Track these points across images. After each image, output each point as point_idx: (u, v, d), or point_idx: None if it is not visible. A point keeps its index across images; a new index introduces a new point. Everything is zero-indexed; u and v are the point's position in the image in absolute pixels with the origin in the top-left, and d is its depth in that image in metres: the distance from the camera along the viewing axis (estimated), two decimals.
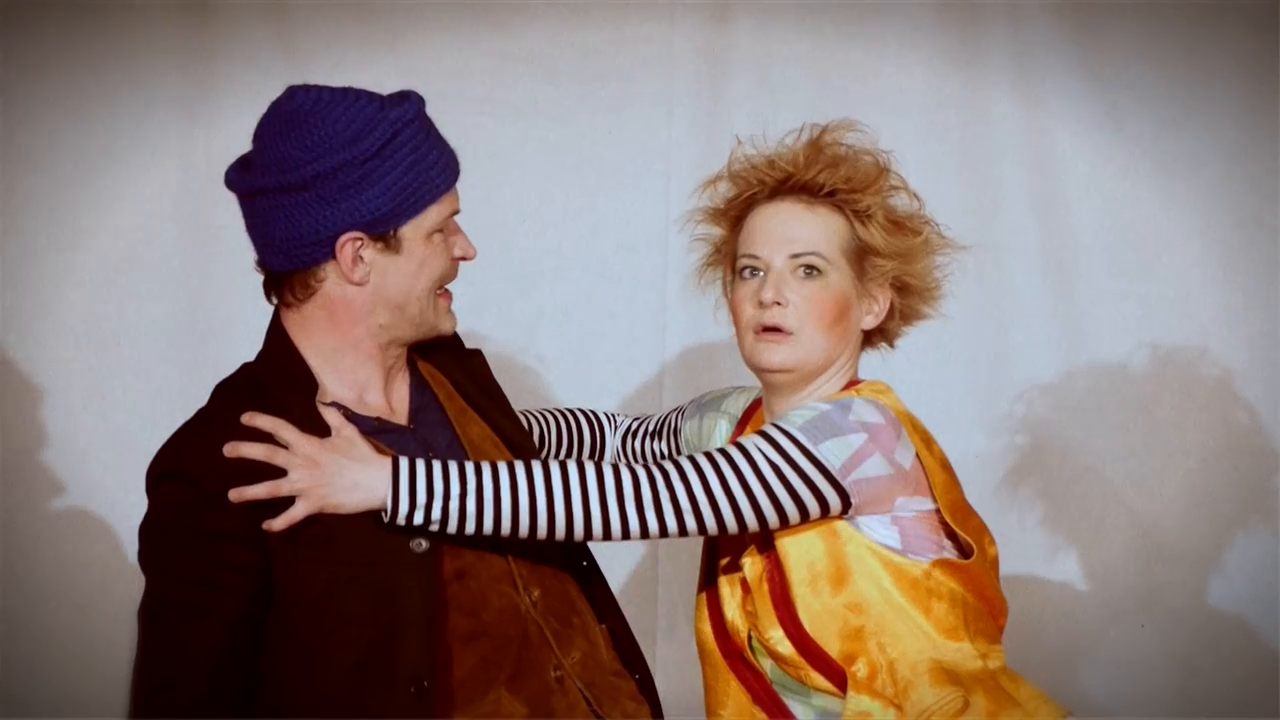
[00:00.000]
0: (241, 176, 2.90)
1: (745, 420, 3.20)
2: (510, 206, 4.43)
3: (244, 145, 4.27)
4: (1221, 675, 4.41)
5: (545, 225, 4.47)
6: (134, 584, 4.12)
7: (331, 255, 2.84)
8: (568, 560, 3.04)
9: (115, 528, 4.35)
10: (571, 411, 3.45)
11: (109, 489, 4.34)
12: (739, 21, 4.40)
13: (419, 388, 3.03)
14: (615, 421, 3.46)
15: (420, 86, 2.92)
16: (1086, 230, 4.44)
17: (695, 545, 4.46)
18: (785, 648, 2.93)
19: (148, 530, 2.84)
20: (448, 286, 2.95)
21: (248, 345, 4.30)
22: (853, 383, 3.03)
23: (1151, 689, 4.48)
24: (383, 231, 2.84)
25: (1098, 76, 4.40)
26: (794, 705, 2.99)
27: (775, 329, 2.98)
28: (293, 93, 2.85)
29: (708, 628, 3.07)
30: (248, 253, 4.35)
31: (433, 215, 2.87)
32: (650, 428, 3.41)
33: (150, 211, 4.41)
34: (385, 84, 3.35)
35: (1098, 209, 4.44)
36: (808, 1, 4.41)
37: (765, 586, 2.95)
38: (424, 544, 2.82)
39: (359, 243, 2.83)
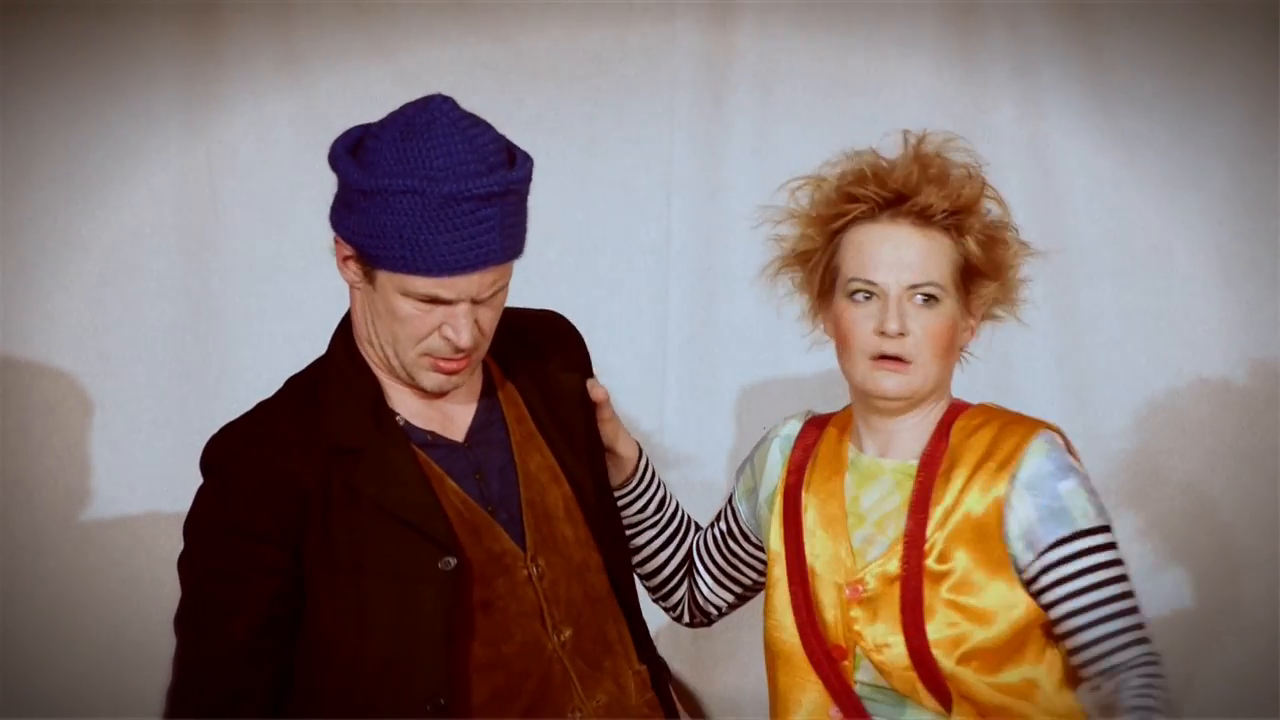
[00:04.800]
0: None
1: (802, 441, 3.19)
2: None
3: (245, 154, 4.33)
4: (1221, 675, 4.42)
5: (545, 238, 4.44)
6: (136, 591, 4.15)
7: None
8: (619, 601, 3.05)
9: (117, 538, 4.35)
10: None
11: (111, 499, 4.34)
12: (740, 32, 4.40)
13: (489, 406, 3.03)
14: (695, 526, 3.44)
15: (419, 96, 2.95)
16: (1087, 242, 4.44)
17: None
18: (897, 657, 2.93)
19: (186, 528, 2.90)
20: (440, 360, 2.94)
21: (250, 354, 4.34)
22: (954, 404, 3.10)
23: None
24: (362, 259, 2.89)
25: (1100, 88, 4.41)
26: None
27: (896, 358, 2.99)
28: (426, 102, 2.92)
29: (791, 626, 3.03)
30: (249, 261, 4.38)
31: (418, 284, 2.88)
32: (712, 519, 3.38)
33: (151, 219, 4.40)
34: (383, 93, 3.36)
35: (1099, 221, 4.44)
36: (808, 14, 4.41)
37: (896, 589, 2.94)
38: (452, 562, 2.83)
39: (348, 252, 2.90)
